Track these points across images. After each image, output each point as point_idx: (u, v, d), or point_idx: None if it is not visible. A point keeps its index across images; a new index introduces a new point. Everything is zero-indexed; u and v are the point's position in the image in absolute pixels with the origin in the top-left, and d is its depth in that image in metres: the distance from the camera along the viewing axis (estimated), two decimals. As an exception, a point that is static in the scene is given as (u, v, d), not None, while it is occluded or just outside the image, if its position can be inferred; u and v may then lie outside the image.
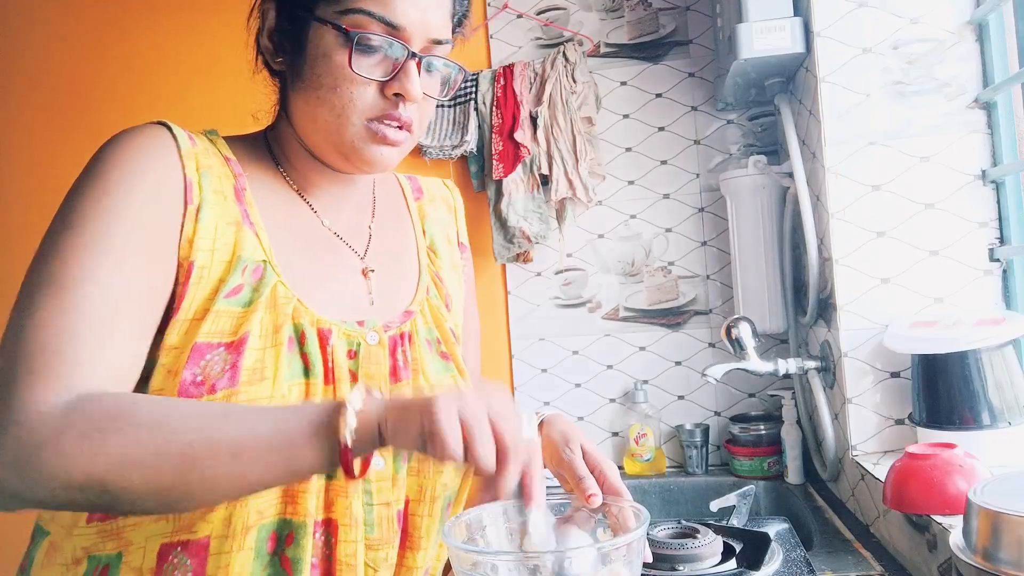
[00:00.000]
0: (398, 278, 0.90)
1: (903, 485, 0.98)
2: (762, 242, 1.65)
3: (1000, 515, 0.70)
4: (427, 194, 1.00)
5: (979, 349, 1.13)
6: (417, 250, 0.94)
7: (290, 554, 0.72)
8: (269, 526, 0.72)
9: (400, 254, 0.92)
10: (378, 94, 0.76)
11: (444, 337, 0.89)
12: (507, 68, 1.91)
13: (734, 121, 1.88)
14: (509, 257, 1.89)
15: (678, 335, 1.90)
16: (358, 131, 0.76)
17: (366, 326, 0.81)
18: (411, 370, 0.83)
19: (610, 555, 0.65)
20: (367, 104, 0.76)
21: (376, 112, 0.76)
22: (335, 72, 0.74)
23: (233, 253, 0.74)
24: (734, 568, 0.98)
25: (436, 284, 0.93)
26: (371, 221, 0.90)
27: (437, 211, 1.00)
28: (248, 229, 0.76)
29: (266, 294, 0.74)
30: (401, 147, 0.79)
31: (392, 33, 0.75)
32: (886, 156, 1.32)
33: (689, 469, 1.81)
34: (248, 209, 0.78)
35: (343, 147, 0.78)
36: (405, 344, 0.84)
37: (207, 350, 0.70)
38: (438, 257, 0.96)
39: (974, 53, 1.30)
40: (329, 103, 0.75)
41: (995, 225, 1.28)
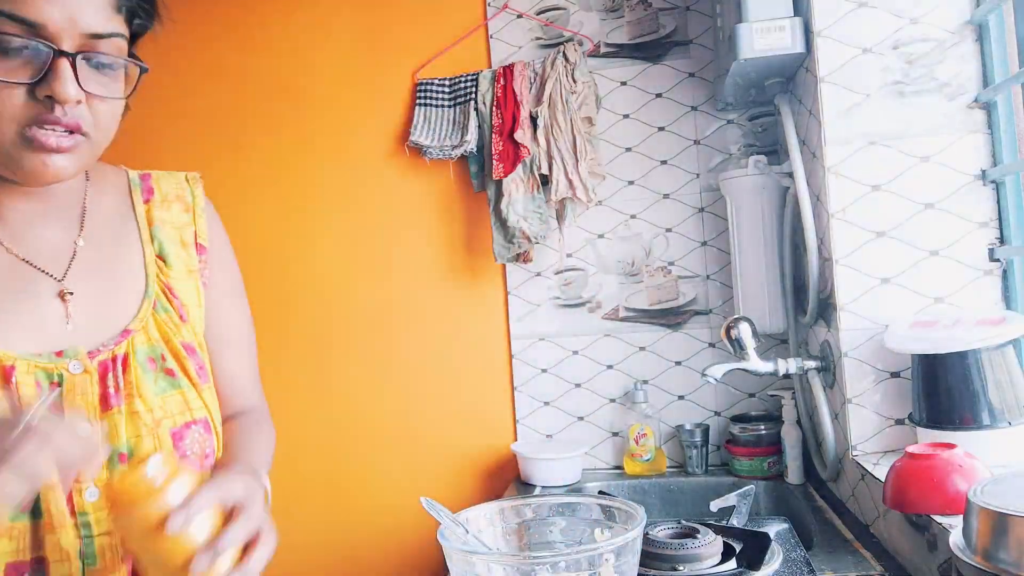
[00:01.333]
0: (112, 295, 0.83)
1: (903, 485, 0.98)
2: (762, 242, 1.65)
3: (1000, 515, 0.70)
4: (158, 195, 0.92)
5: (979, 349, 1.13)
6: (144, 261, 0.87)
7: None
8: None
9: (117, 268, 0.85)
10: (29, 99, 0.70)
11: (173, 352, 0.83)
12: (507, 68, 1.91)
13: (734, 121, 1.88)
14: (509, 257, 1.89)
15: (678, 335, 1.89)
16: (12, 140, 0.70)
17: (66, 355, 0.76)
18: (124, 396, 0.78)
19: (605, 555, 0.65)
20: (16, 111, 0.69)
21: (28, 118, 0.70)
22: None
23: None
24: (734, 568, 0.98)
25: (167, 296, 0.86)
26: (78, 236, 0.83)
27: (170, 213, 0.92)
28: None
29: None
30: (74, 153, 0.73)
31: (33, 32, 0.69)
32: (886, 156, 1.32)
33: (689, 469, 1.81)
34: None
35: (4, 160, 0.72)
36: (117, 369, 0.78)
37: None
38: (168, 266, 0.88)
39: (974, 53, 1.29)
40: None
41: (995, 225, 1.28)
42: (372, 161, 2.02)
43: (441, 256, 2.00)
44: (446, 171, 1.98)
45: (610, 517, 0.77)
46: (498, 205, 1.86)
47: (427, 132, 1.96)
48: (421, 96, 1.98)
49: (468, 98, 1.94)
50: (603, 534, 0.76)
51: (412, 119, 1.98)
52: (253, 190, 2.06)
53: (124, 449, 0.77)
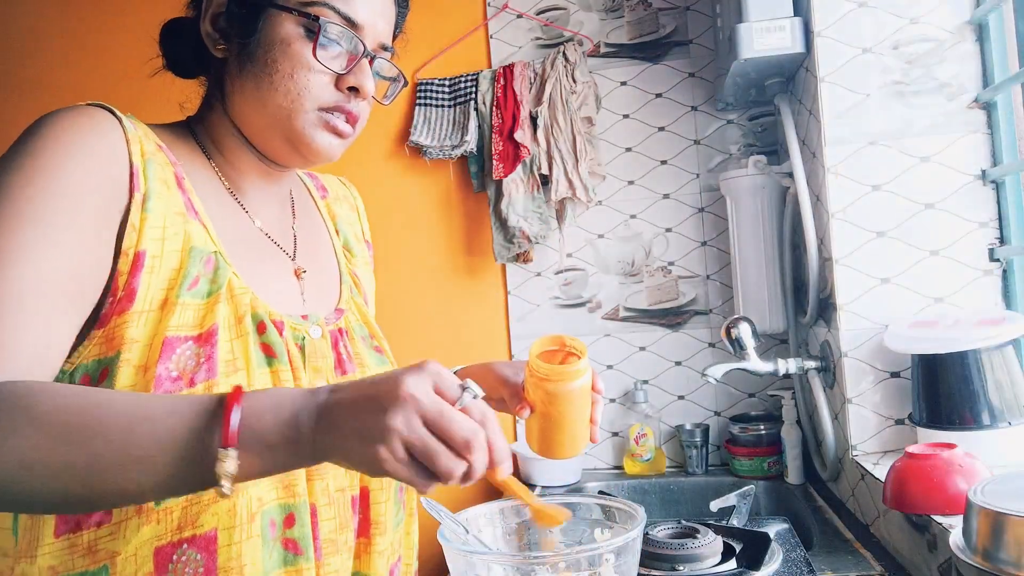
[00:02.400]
0: (324, 277, 0.90)
1: (903, 485, 0.98)
2: (762, 242, 1.65)
3: (1000, 515, 0.70)
4: (331, 192, 1.01)
5: (979, 349, 1.13)
6: (335, 250, 0.95)
7: (294, 535, 0.73)
8: (269, 512, 0.72)
9: (321, 254, 0.92)
10: (332, 86, 0.77)
11: (373, 332, 0.91)
12: (507, 68, 1.91)
13: (734, 121, 1.88)
14: (509, 257, 1.89)
15: (678, 335, 1.89)
16: (310, 118, 0.77)
17: (310, 320, 0.81)
18: (355, 364, 0.84)
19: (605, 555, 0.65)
20: (323, 95, 0.77)
21: (330, 103, 0.77)
22: (294, 59, 0.75)
23: (185, 243, 0.72)
24: (734, 568, 0.98)
25: (355, 283, 0.94)
26: (293, 221, 0.90)
27: (343, 210, 1.00)
28: (195, 220, 0.74)
29: (224, 286, 0.73)
30: (346, 140, 0.81)
31: (352, 29, 0.77)
32: (886, 156, 1.32)
33: (689, 469, 1.81)
34: (191, 199, 0.76)
35: (292, 133, 0.78)
36: (345, 339, 0.85)
37: (177, 343, 0.68)
38: (353, 255, 0.97)
39: (974, 53, 1.29)
40: (284, 89, 0.76)
41: (995, 225, 1.28)
42: (372, 161, 2.02)
43: (441, 256, 2.00)
44: (446, 171, 1.98)
45: (610, 517, 0.77)
46: (498, 205, 1.86)
47: (427, 132, 1.96)
48: (421, 96, 1.98)
49: (468, 98, 1.94)
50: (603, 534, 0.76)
51: (412, 119, 1.98)
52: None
53: None
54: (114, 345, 0.67)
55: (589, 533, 0.77)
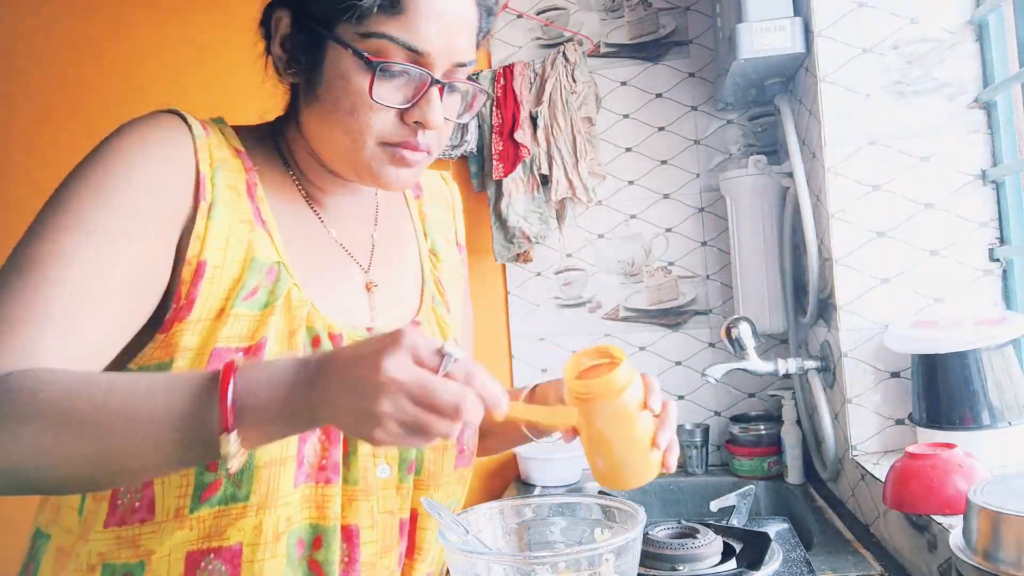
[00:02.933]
0: (401, 289, 0.87)
1: (903, 485, 0.98)
2: (762, 242, 1.65)
3: (1000, 515, 0.70)
4: (427, 192, 0.98)
5: (979, 349, 1.13)
6: (420, 256, 0.92)
7: (320, 558, 0.72)
8: (297, 531, 0.72)
9: (403, 263, 0.89)
10: (397, 120, 0.73)
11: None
12: (507, 68, 1.91)
13: (734, 121, 1.88)
14: (509, 257, 1.89)
15: (678, 335, 1.89)
16: (374, 153, 0.74)
17: (375, 331, 0.79)
18: None
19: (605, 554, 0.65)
20: (385, 131, 0.73)
21: (395, 139, 0.74)
22: (353, 97, 0.71)
23: (247, 253, 0.72)
24: (734, 568, 0.98)
25: (439, 291, 0.91)
26: (374, 230, 0.88)
27: (437, 211, 0.97)
28: (261, 229, 0.74)
29: (281, 297, 0.72)
30: (419, 167, 0.77)
31: (416, 60, 0.71)
32: (886, 156, 1.32)
33: (689, 469, 1.81)
34: (260, 207, 0.75)
35: (359, 168, 0.76)
36: None
37: (226, 355, 0.68)
38: (440, 261, 0.93)
39: (974, 53, 1.29)
40: (345, 126, 0.73)
41: (995, 225, 1.28)
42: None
43: (441, 256, 2.00)
44: (446, 171, 1.98)
45: (610, 517, 0.77)
46: (498, 205, 1.86)
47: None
48: (421, 96, 1.98)
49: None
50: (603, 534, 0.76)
51: (412, 119, 1.98)
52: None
53: None
54: (170, 351, 0.68)
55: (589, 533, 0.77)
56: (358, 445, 0.74)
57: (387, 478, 0.77)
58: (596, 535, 0.76)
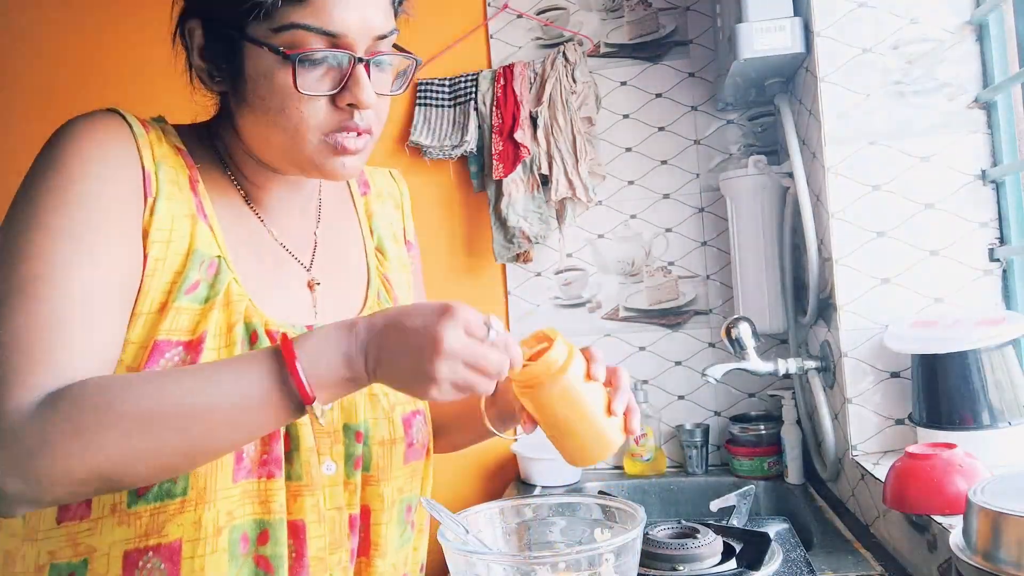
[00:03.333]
0: (345, 286, 0.87)
1: (903, 485, 0.98)
2: (762, 242, 1.65)
3: (1000, 515, 0.70)
4: (374, 189, 0.96)
5: (979, 349, 1.13)
6: (365, 253, 0.90)
7: (266, 552, 0.72)
8: (241, 527, 0.71)
9: (347, 260, 0.88)
10: (330, 107, 0.72)
11: None
12: (507, 68, 1.91)
13: (734, 121, 1.88)
14: (509, 257, 1.89)
15: (678, 335, 1.89)
16: (316, 147, 0.73)
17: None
18: None
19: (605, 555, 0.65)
20: (321, 120, 0.72)
21: (332, 126, 0.73)
22: (280, 93, 0.71)
23: (190, 246, 0.72)
24: (734, 568, 0.98)
25: (386, 287, 0.90)
26: (316, 227, 0.87)
27: (384, 208, 0.96)
28: (203, 222, 0.74)
29: (222, 292, 0.72)
30: (364, 152, 0.76)
31: (334, 43, 0.70)
32: (886, 156, 1.32)
33: (689, 469, 1.81)
34: (203, 201, 0.75)
35: (303, 164, 0.75)
36: None
37: (166, 348, 0.69)
38: (386, 258, 0.92)
39: (974, 53, 1.29)
40: (280, 125, 0.72)
41: (995, 225, 1.28)
42: (372, 161, 2.01)
43: (441, 256, 2.00)
44: (446, 171, 1.98)
45: (610, 517, 0.77)
46: (498, 205, 1.86)
47: (427, 132, 1.96)
48: (421, 96, 1.98)
49: (468, 98, 1.94)
50: (603, 534, 0.76)
51: (412, 119, 1.98)
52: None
53: (361, 428, 0.79)
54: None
55: (589, 533, 0.77)
56: (301, 441, 0.74)
57: (332, 474, 0.77)
58: (596, 535, 0.76)
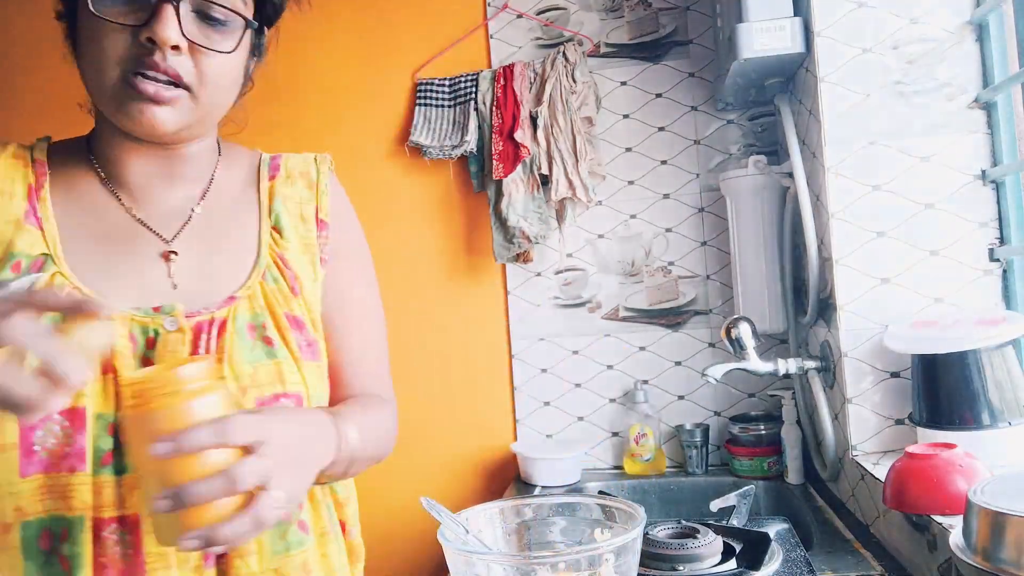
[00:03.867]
0: (221, 262, 0.84)
1: (903, 485, 0.98)
2: (762, 242, 1.65)
3: (1000, 515, 0.70)
4: (283, 172, 0.93)
5: (979, 349, 1.13)
6: (259, 232, 0.88)
7: (66, 551, 0.70)
8: (36, 523, 0.69)
9: (229, 237, 0.86)
10: (132, 42, 0.71)
11: (276, 322, 0.82)
12: (507, 68, 1.91)
13: (734, 121, 1.88)
14: (509, 257, 1.89)
15: (678, 335, 1.89)
16: (116, 86, 0.72)
17: (163, 311, 0.77)
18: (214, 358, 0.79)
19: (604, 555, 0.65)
20: (118, 52, 0.71)
21: (130, 62, 0.71)
22: (85, 20, 0.72)
23: (5, 249, 0.75)
24: (734, 568, 0.98)
25: (279, 266, 0.86)
26: (197, 204, 0.85)
27: (293, 188, 0.92)
28: (31, 226, 0.77)
29: (40, 285, 0.73)
30: (175, 107, 0.73)
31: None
32: (886, 156, 1.32)
33: (689, 469, 1.81)
34: (38, 206, 0.78)
35: (109, 107, 0.74)
36: (212, 331, 0.78)
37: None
38: (283, 238, 0.88)
39: (974, 53, 1.29)
40: (89, 57, 0.73)
41: (995, 225, 1.28)
42: (372, 161, 2.02)
43: (441, 256, 2.00)
44: (446, 171, 1.98)
45: (610, 517, 0.77)
46: (498, 205, 1.86)
47: (427, 132, 1.96)
48: (421, 96, 1.98)
49: (468, 98, 1.94)
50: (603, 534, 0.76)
51: (412, 119, 1.98)
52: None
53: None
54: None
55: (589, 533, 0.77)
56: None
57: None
58: (596, 535, 0.76)
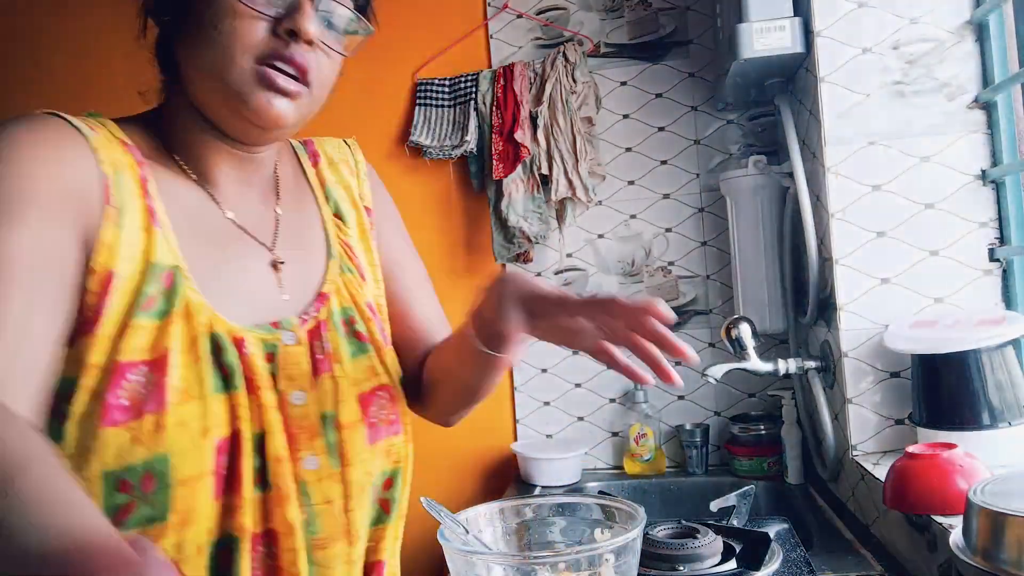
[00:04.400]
0: (309, 261, 0.83)
1: (903, 485, 0.98)
2: (762, 242, 1.65)
3: (1000, 515, 0.70)
4: (324, 157, 0.93)
5: (979, 349, 1.13)
6: (323, 221, 0.87)
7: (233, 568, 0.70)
8: (217, 543, 0.70)
9: (309, 232, 0.85)
10: (268, 32, 0.70)
11: (360, 314, 0.83)
12: (507, 68, 1.91)
13: (734, 121, 1.88)
14: (509, 257, 1.89)
15: (678, 335, 1.89)
16: (244, 73, 0.70)
17: (281, 326, 0.76)
18: (330, 361, 0.79)
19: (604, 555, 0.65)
20: (254, 40, 0.70)
21: (264, 49, 0.70)
22: (219, 5, 0.69)
23: (145, 259, 0.69)
24: (734, 568, 0.98)
25: (347, 255, 0.86)
26: (276, 204, 0.84)
27: (337, 174, 0.92)
28: (157, 229, 0.70)
29: (179, 304, 0.69)
30: (297, 102, 0.73)
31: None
32: (886, 156, 1.32)
33: (689, 469, 1.81)
34: (154, 205, 0.71)
35: (228, 93, 0.71)
36: (323, 335, 0.79)
37: (128, 369, 0.65)
38: (345, 224, 0.88)
39: (974, 53, 1.29)
40: (213, 41, 0.69)
41: (995, 225, 1.28)
42: (372, 161, 1.99)
43: (441, 256, 2.00)
44: (446, 171, 1.98)
45: (610, 517, 0.77)
46: (498, 205, 1.86)
47: (427, 132, 1.96)
48: (421, 96, 1.98)
49: (468, 98, 1.94)
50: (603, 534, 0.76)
51: (412, 119, 1.98)
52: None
53: (331, 414, 0.77)
54: (76, 367, 0.64)
55: (589, 533, 0.77)
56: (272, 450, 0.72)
57: (316, 469, 0.75)
58: (596, 535, 0.76)
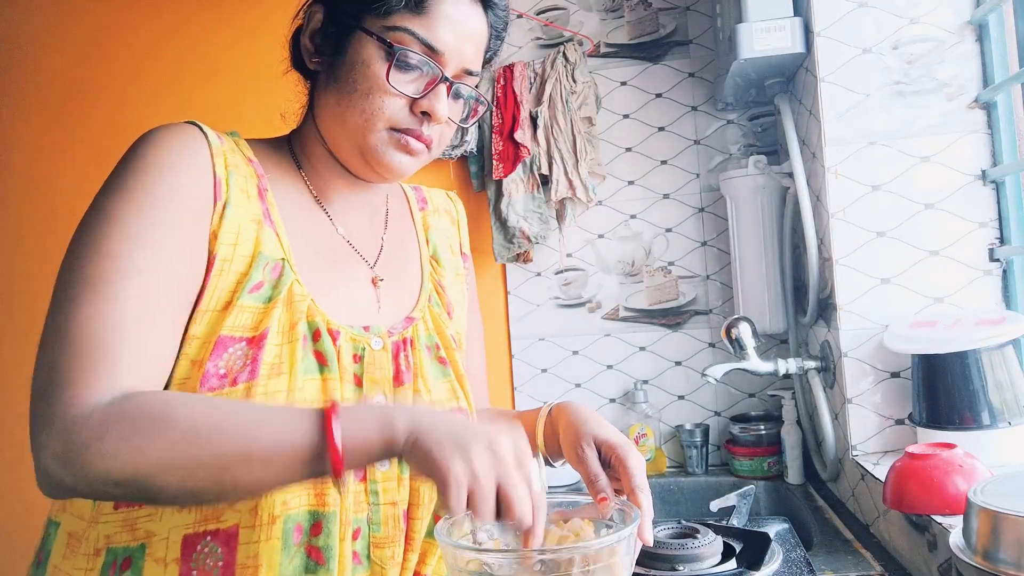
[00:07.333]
0: (403, 286, 0.93)
1: (903, 485, 0.98)
2: (762, 242, 1.65)
3: (1000, 515, 0.70)
4: (431, 205, 1.04)
5: (979, 349, 1.13)
6: (420, 259, 0.97)
7: (319, 543, 0.75)
8: (295, 517, 0.75)
9: (406, 263, 0.95)
10: (406, 108, 0.80)
11: (444, 343, 0.91)
12: (507, 68, 1.91)
13: (734, 121, 1.88)
14: (509, 257, 1.89)
15: (678, 335, 1.89)
16: (382, 136, 0.80)
17: (371, 331, 0.84)
18: (412, 375, 0.86)
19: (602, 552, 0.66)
20: (394, 115, 0.79)
21: (401, 124, 0.80)
22: (371, 80, 0.79)
23: (255, 250, 0.78)
24: (734, 568, 0.98)
25: (438, 292, 0.96)
26: (384, 232, 0.94)
27: (440, 222, 1.03)
28: (269, 227, 0.80)
29: (284, 292, 0.77)
30: (418, 159, 0.83)
31: (430, 55, 0.79)
32: (886, 156, 1.32)
33: (689, 469, 1.81)
34: (269, 208, 0.81)
35: (365, 150, 0.81)
36: (407, 349, 0.86)
37: (230, 343, 0.73)
38: (441, 266, 0.99)
39: (974, 53, 1.29)
40: (359, 107, 0.79)
41: (995, 225, 1.28)
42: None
43: (441, 256, 2.00)
44: (446, 171, 1.98)
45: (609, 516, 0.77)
46: (498, 205, 1.86)
47: (427, 132, 1.96)
48: (421, 96, 1.98)
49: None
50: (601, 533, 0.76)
51: (412, 119, 1.98)
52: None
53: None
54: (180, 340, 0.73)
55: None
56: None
57: (387, 470, 0.81)
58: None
